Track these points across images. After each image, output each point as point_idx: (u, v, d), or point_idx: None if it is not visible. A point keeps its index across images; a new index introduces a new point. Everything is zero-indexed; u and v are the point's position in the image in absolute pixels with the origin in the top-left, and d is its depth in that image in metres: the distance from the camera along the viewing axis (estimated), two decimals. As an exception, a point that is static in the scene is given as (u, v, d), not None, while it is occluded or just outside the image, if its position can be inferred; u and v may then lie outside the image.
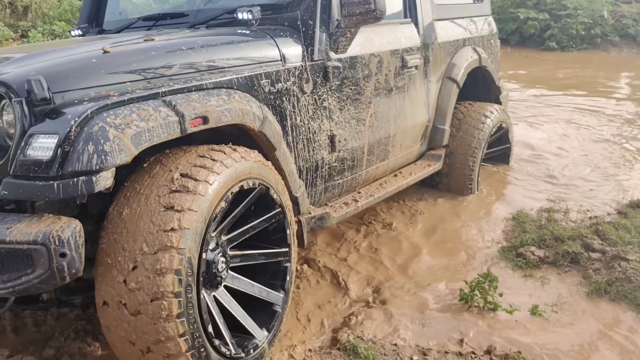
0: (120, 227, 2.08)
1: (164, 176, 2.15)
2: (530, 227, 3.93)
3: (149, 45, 2.43)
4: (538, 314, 3.00)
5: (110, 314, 2.11)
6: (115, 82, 2.18)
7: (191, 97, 2.26)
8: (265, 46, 2.77)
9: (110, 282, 2.07)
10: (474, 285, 3.05)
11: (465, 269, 3.50)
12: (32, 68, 2.12)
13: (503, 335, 2.83)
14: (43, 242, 1.83)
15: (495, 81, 4.87)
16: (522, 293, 3.22)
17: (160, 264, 2.01)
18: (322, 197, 3.17)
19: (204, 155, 2.25)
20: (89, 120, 1.95)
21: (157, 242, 2.02)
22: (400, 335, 2.85)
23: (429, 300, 3.16)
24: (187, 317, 2.09)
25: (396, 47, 3.58)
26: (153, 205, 2.08)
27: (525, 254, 3.57)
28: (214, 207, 2.19)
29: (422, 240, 3.86)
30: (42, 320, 2.82)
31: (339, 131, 3.12)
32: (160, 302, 2.02)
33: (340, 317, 2.99)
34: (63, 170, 1.90)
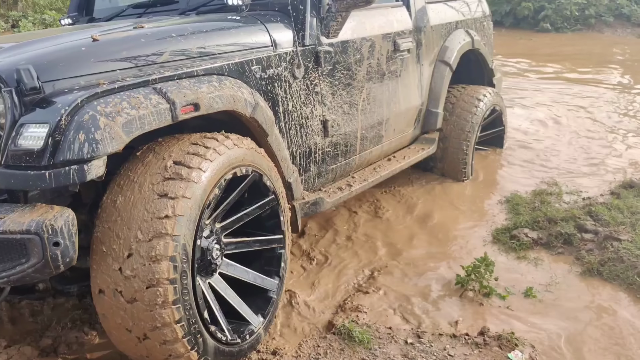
0: (114, 215, 2.09)
1: (157, 164, 2.15)
2: (524, 210, 3.96)
3: (138, 32, 2.42)
4: (532, 295, 3.03)
5: (107, 302, 2.12)
6: (105, 70, 2.18)
7: (182, 84, 2.26)
8: (256, 32, 2.76)
9: (106, 270, 2.08)
10: (470, 269, 3.08)
11: (460, 253, 3.52)
12: (21, 57, 2.11)
13: (497, 317, 2.87)
14: (36, 231, 1.83)
15: (488, 64, 4.86)
16: (516, 275, 3.25)
17: (155, 251, 2.02)
18: (316, 182, 3.18)
19: (196, 142, 2.25)
20: (79, 109, 1.95)
21: (151, 230, 2.03)
22: (395, 319, 2.87)
23: (424, 284, 3.18)
24: (183, 303, 2.10)
25: (388, 31, 3.57)
26: (147, 193, 2.08)
27: (519, 236, 3.60)
28: (207, 194, 2.19)
29: (417, 224, 3.88)
30: (39, 310, 2.83)
31: (332, 116, 3.12)
32: (155, 289, 2.03)
33: (335, 302, 3.01)
34: (55, 159, 1.90)
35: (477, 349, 2.63)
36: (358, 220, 3.91)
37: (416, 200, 4.19)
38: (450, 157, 4.39)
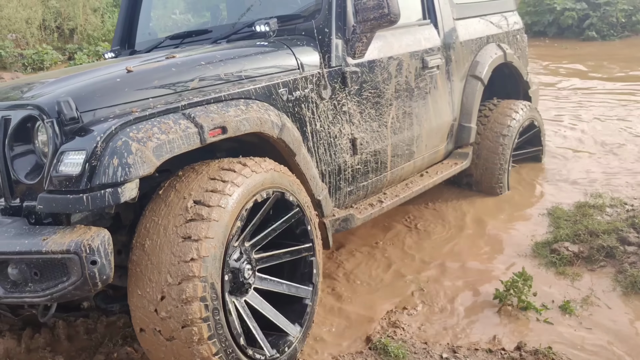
0: (144, 259, 2.20)
1: (179, 204, 2.24)
2: (565, 223, 3.89)
3: (169, 62, 2.56)
4: (570, 310, 2.98)
5: (148, 340, 2.24)
6: (138, 99, 2.32)
7: (210, 108, 2.38)
8: (283, 56, 2.87)
9: (143, 312, 2.20)
10: (509, 284, 3.06)
11: (500, 267, 3.50)
12: (62, 91, 2.28)
13: (535, 332, 2.84)
14: (75, 251, 1.96)
15: (523, 76, 4.83)
16: (556, 290, 3.21)
17: (185, 293, 2.12)
18: (347, 199, 3.24)
19: (214, 177, 2.32)
20: (113, 135, 2.08)
21: (179, 273, 2.13)
22: (431, 334, 2.89)
23: (462, 299, 3.19)
24: (218, 337, 2.20)
25: (415, 49, 3.62)
26: (172, 237, 2.18)
27: (560, 250, 3.54)
28: (230, 229, 2.27)
29: (455, 239, 3.88)
30: (93, 328, 2.97)
31: (360, 134, 3.19)
32: (190, 329, 2.13)
33: (373, 318, 3.04)
34: (91, 183, 2.04)
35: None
36: (395, 236, 3.93)
37: (453, 215, 4.20)
38: (485, 172, 4.38)
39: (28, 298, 2.08)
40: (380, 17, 2.97)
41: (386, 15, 2.96)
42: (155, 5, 4.21)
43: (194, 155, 2.42)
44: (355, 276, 3.48)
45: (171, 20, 4.27)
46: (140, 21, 4.16)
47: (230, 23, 3.53)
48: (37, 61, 10.07)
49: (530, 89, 4.94)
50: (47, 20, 11.24)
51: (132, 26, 4.16)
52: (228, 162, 2.45)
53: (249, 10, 3.43)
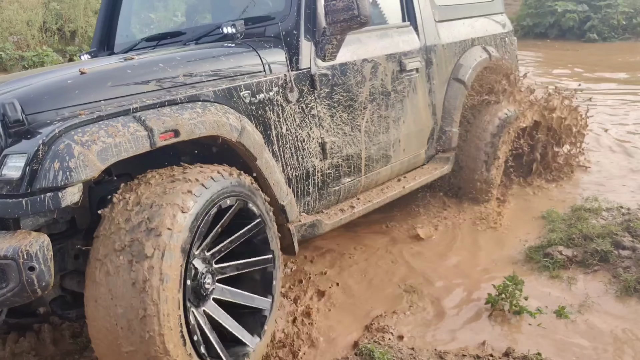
0: (100, 273, 2.12)
1: (132, 216, 2.15)
2: (559, 227, 3.84)
3: (125, 64, 2.52)
4: (564, 315, 2.93)
5: (106, 351, 2.19)
6: (89, 101, 2.27)
7: (162, 111, 2.32)
8: (247, 57, 2.82)
9: (101, 323, 2.14)
10: (500, 288, 3.02)
11: (492, 271, 3.45)
12: (10, 93, 2.24)
13: (527, 338, 2.80)
14: (12, 256, 1.92)
15: (510, 80, 4.74)
16: (549, 294, 3.16)
17: (145, 307, 2.05)
18: (317, 205, 3.17)
19: (169, 187, 2.23)
20: (56, 138, 2.04)
21: (138, 288, 2.06)
22: (419, 340, 2.84)
23: (453, 304, 3.14)
24: (179, 347, 2.15)
25: (392, 51, 3.56)
26: (127, 251, 2.09)
27: (553, 254, 3.50)
28: (188, 242, 2.19)
29: (446, 243, 3.83)
30: (79, 331, 2.94)
31: (331, 138, 3.13)
32: (152, 340, 2.08)
33: (361, 324, 3.00)
34: (32, 187, 1.99)
35: (501, 370, 2.56)
36: (384, 240, 3.88)
37: (443, 219, 4.13)
38: (469, 177, 4.29)
39: (-33, 304, 2.04)
40: (350, 18, 2.91)
41: (356, 17, 2.90)
42: (135, 7, 4.18)
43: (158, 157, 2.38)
44: (343, 281, 3.42)
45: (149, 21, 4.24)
46: (120, 23, 4.13)
47: (202, 25, 3.48)
48: (37, 63, 10.09)
49: (518, 93, 4.84)
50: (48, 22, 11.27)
51: (111, 27, 4.13)
52: (180, 170, 2.37)
53: (219, 12, 3.39)
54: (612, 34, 13.51)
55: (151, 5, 4.34)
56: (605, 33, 13.54)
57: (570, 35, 14.05)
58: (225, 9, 3.61)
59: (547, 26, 14.35)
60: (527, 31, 14.99)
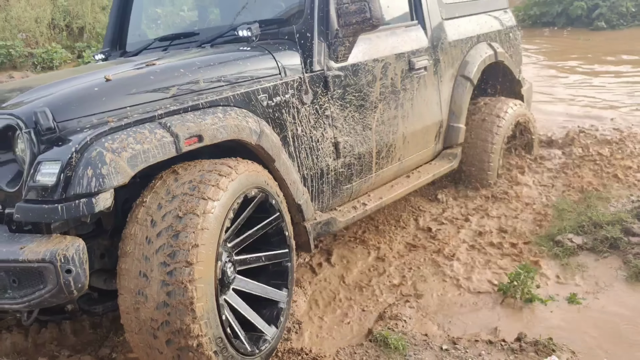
0: (134, 264, 2.23)
1: (167, 208, 2.26)
2: (569, 215, 3.93)
3: (148, 70, 2.60)
4: (576, 301, 3.02)
5: (139, 342, 2.29)
6: (116, 108, 2.36)
7: (186, 117, 2.41)
8: (263, 61, 2.90)
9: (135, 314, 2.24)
10: (512, 276, 3.10)
11: (503, 259, 3.53)
12: (40, 101, 2.32)
13: (538, 324, 2.88)
14: (50, 260, 2.02)
15: (515, 75, 4.83)
16: (560, 281, 3.25)
17: (182, 295, 2.16)
18: (331, 202, 3.27)
19: (202, 179, 2.35)
20: (88, 146, 2.13)
21: (174, 278, 2.16)
22: (432, 327, 2.94)
23: (466, 291, 3.23)
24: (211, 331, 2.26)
25: (402, 50, 3.63)
26: (164, 242, 2.20)
27: (563, 242, 3.58)
28: (220, 230, 2.30)
29: (455, 231, 3.91)
30: (99, 322, 3.04)
31: (344, 137, 3.21)
32: (188, 329, 2.19)
33: (375, 311, 3.10)
34: (66, 193, 2.08)
35: (513, 354, 2.65)
36: (396, 227, 3.97)
37: (454, 208, 4.22)
38: (476, 170, 4.39)
39: (7, 305, 2.15)
40: (363, 21, 2.99)
41: (368, 20, 2.98)
42: (145, 5, 4.24)
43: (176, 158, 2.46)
44: (356, 267, 3.52)
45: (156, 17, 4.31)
46: (131, 22, 4.19)
47: (216, 26, 3.55)
48: (46, 60, 10.13)
49: (522, 88, 4.93)
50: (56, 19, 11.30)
51: (123, 27, 4.18)
52: (211, 163, 2.48)
53: (235, 13, 3.45)
54: (620, 21, 13.49)
55: (160, 2, 4.40)
56: (614, 20, 13.50)
57: (578, 24, 14.03)
58: (236, 8, 3.66)
59: (555, 15, 14.35)
60: (535, 20, 14.97)
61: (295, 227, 2.95)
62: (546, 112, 6.64)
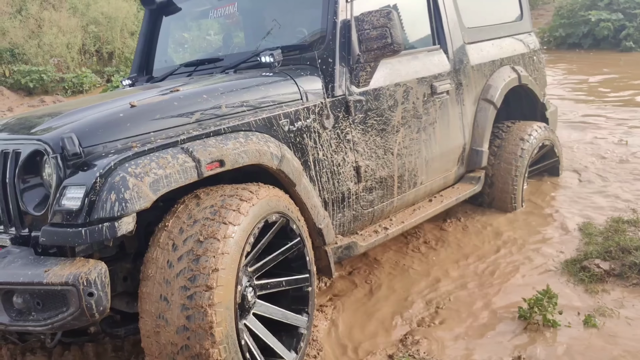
0: (154, 289, 2.26)
1: (189, 233, 2.29)
2: (596, 239, 3.86)
3: (172, 96, 2.65)
4: (600, 328, 2.95)
5: None
6: (140, 133, 2.41)
7: (208, 142, 2.45)
8: (285, 86, 2.93)
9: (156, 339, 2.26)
10: (532, 302, 3.05)
11: (526, 284, 3.47)
12: (67, 126, 2.38)
13: (562, 351, 2.82)
14: (73, 283, 2.05)
15: (539, 98, 4.79)
16: (585, 308, 3.17)
17: (202, 320, 2.17)
18: (352, 226, 3.27)
19: (223, 204, 2.38)
20: (112, 171, 2.17)
21: (194, 303, 2.18)
22: (454, 352, 2.89)
23: (488, 316, 3.18)
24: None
25: (424, 75, 3.64)
26: (184, 267, 2.22)
27: (590, 267, 3.50)
28: (240, 255, 2.32)
29: (480, 255, 3.87)
30: (121, 345, 3.06)
31: (365, 162, 3.22)
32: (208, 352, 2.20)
33: (396, 336, 3.07)
34: (90, 217, 2.12)
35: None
36: (416, 251, 3.94)
37: (476, 231, 4.19)
38: (499, 192, 4.36)
39: (31, 327, 2.18)
40: (384, 46, 3.01)
41: (389, 45, 3.00)
42: (172, 32, 4.34)
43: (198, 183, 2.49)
44: (376, 291, 3.49)
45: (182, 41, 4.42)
46: (158, 48, 4.30)
47: (239, 52, 3.61)
48: (76, 84, 10.43)
49: (547, 111, 4.89)
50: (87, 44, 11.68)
51: (150, 54, 4.29)
52: (232, 188, 2.52)
53: (259, 39, 3.51)
54: None
55: (186, 27, 4.50)
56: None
57: (605, 45, 13.89)
58: (259, 34, 3.73)
59: (581, 36, 14.25)
60: (561, 42, 14.87)
61: (316, 252, 2.96)
62: (574, 135, 6.59)
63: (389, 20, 2.97)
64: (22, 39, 10.91)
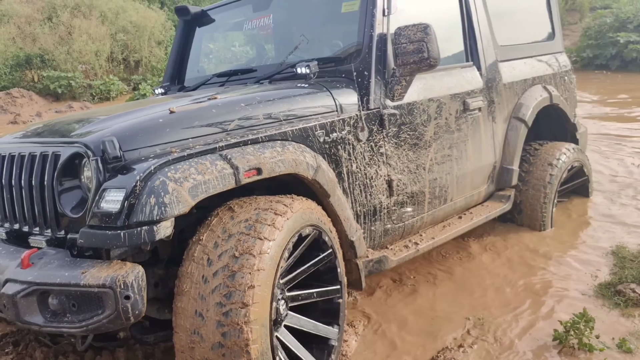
0: (190, 303, 2.25)
1: (224, 247, 2.29)
2: (630, 263, 3.79)
3: (210, 103, 2.66)
4: (627, 348, 2.89)
5: None
6: (179, 139, 2.41)
7: (246, 150, 2.45)
8: (321, 98, 2.93)
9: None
10: (569, 325, 2.99)
11: (561, 307, 3.41)
12: (107, 130, 2.40)
13: None
14: (110, 285, 2.05)
15: (570, 119, 4.75)
16: (621, 332, 3.10)
17: (238, 336, 2.16)
18: (382, 240, 3.24)
19: (258, 218, 2.37)
20: (152, 175, 2.17)
21: (230, 319, 2.18)
22: None
23: (522, 338, 3.11)
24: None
25: (457, 91, 3.63)
26: (220, 281, 2.21)
27: (625, 291, 3.44)
28: (276, 271, 2.30)
29: (513, 277, 3.82)
30: (151, 352, 3.04)
31: (397, 176, 3.20)
32: None
33: (429, 354, 3.01)
34: (129, 220, 2.12)
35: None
36: (449, 270, 3.90)
37: (508, 251, 4.13)
38: (529, 213, 4.32)
39: (65, 328, 2.18)
40: (420, 61, 3.00)
41: (426, 60, 2.99)
42: (204, 42, 4.39)
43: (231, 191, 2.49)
44: (412, 305, 3.46)
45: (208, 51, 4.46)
46: (190, 59, 4.34)
47: (274, 63, 3.63)
48: (104, 91, 10.59)
49: (577, 131, 4.85)
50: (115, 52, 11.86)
51: (182, 64, 4.34)
52: (266, 201, 2.51)
53: (293, 51, 3.52)
54: None
55: (212, 38, 4.53)
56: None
57: (633, 67, 13.82)
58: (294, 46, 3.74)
59: (609, 57, 14.21)
60: (587, 62, 14.82)
61: (346, 264, 2.93)
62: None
63: (426, 34, 2.96)
64: (52, 45, 11.13)
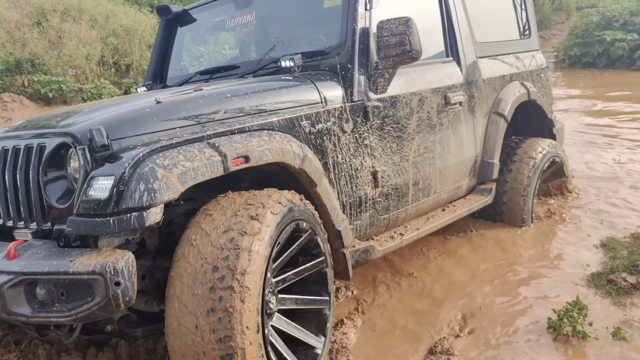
0: (181, 297, 2.26)
1: (213, 241, 2.29)
2: (621, 253, 3.87)
3: (197, 94, 2.67)
4: (622, 337, 2.94)
5: None
6: (166, 129, 2.42)
7: (234, 138, 2.46)
8: (306, 90, 2.96)
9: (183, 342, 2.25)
10: (562, 313, 3.03)
11: (554, 297, 3.46)
12: (94, 120, 2.39)
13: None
14: (100, 272, 2.04)
15: (547, 114, 4.85)
16: (614, 320, 3.16)
17: (229, 330, 2.17)
18: (368, 231, 3.27)
19: (247, 214, 2.37)
20: (140, 162, 2.17)
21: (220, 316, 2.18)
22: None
23: (517, 328, 3.16)
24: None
25: (438, 85, 3.69)
26: (208, 277, 2.23)
27: (616, 281, 3.50)
28: (265, 265, 2.32)
29: (506, 268, 3.87)
30: (153, 348, 3.02)
31: (382, 167, 3.24)
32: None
33: (425, 345, 3.05)
34: (118, 207, 2.12)
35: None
36: (443, 262, 3.95)
37: (495, 245, 4.19)
38: (509, 208, 4.39)
39: (54, 318, 2.16)
40: (402, 53, 3.05)
41: (408, 52, 3.04)
42: (186, 43, 4.39)
43: (217, 183, 2.50)
44: (407, 298, 3.49)
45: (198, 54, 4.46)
46: (172, 58, 4.34)
47: (257, 59, 3.65)
48: (95, 95, 10.49)
49: (554, 127, 4.95)
50: (105, 56, 11.78)
51: (164, 63, 4.34)
52: (254, 195, 2.51)
53: (274, 46, 3.55)
54: None
55: (202, 40, 4.56)
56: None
57: (619, 64, 14.08)
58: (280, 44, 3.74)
59: (596, 55, 14.48)
60: (575, 61, 15.07)
61: (334, 254, 2.96)
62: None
63: (407, 27, 3.01)
64: (42, 49, 11.02)
